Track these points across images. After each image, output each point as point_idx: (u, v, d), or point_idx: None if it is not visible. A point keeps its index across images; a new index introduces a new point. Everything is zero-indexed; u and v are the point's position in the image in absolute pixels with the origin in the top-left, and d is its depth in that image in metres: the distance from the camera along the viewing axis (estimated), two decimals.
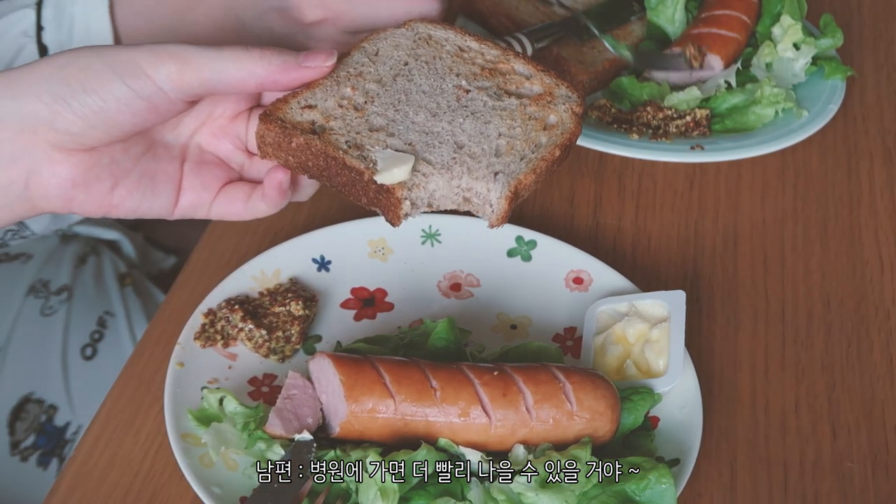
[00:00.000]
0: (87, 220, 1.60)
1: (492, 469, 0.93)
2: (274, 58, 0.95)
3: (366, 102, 1.03)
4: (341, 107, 1.02)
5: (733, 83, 1.39)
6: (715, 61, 1.40)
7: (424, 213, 1.00)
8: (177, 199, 0.99)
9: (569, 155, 1.04)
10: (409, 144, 1.00)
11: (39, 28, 1.19)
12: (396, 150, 0.99)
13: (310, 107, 1.01)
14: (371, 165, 0.96)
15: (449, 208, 1.00)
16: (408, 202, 0.96)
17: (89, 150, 0.92)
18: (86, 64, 0.90)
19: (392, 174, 0.95)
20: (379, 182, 0.95)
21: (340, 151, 0.98)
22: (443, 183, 0.99)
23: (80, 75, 0.89)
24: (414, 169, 0.98)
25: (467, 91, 1.04)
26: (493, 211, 0.98)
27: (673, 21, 1.49)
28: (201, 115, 1.00)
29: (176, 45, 0.93)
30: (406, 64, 1.07)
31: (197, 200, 1.00)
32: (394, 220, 0.97)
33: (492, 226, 0.98)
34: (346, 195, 0.99)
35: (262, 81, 0.95)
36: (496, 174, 0.99)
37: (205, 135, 1.01)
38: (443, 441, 0.94)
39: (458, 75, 1.06)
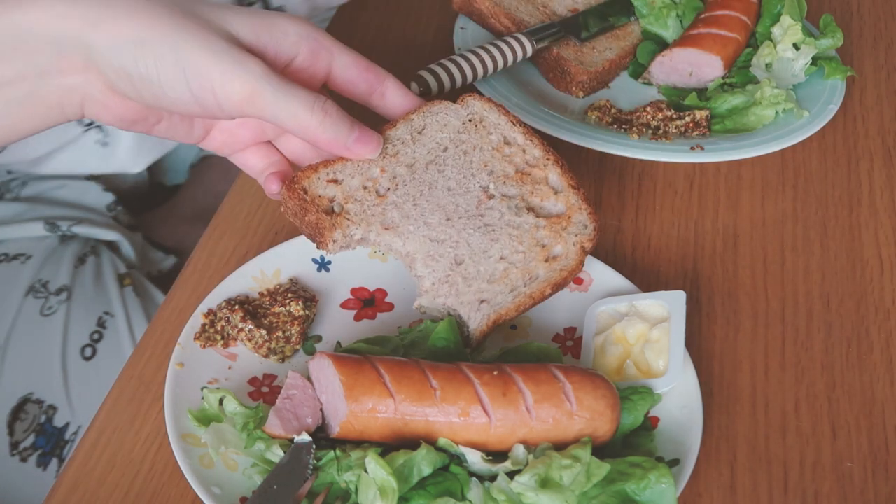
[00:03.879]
0: (86, 221, 1.60)
1: (492, 469, 0.93)
2: (328, 130, 0.99)
3: (389, 189, 1.06)
4: (364, 188, 1.05)
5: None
6: (715, 62, 1.41)
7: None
8: (207, 135, 1.08)
9: (558, 290, 1.07)
10: (408, 255, 1.05)
11: None
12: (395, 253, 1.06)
13: (335, 181, 1.05)
14: None
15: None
16: None
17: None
18: (160, 52, 0.93)
19: None
20: None
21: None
22: (427, 301, 1.04)
23: (150, 59, 0.93)
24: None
25: (490, 197, 1.06)
26: (468, 334, 1.04)
27: (667, 26, 1.50)
28: None
29: (252, 62, 0.95)
30: (445, 150, 1.08)
31: (225, 146, 1.10)
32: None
33: (468, 347, 1.04)
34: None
35: (311, 140, 1.01)
36: (481, 302, 1.03)
37: None
38: (443, 441, 0.94)
39: (490, 173, 1.08)
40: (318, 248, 1.06)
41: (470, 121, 1.11)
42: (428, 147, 1.08)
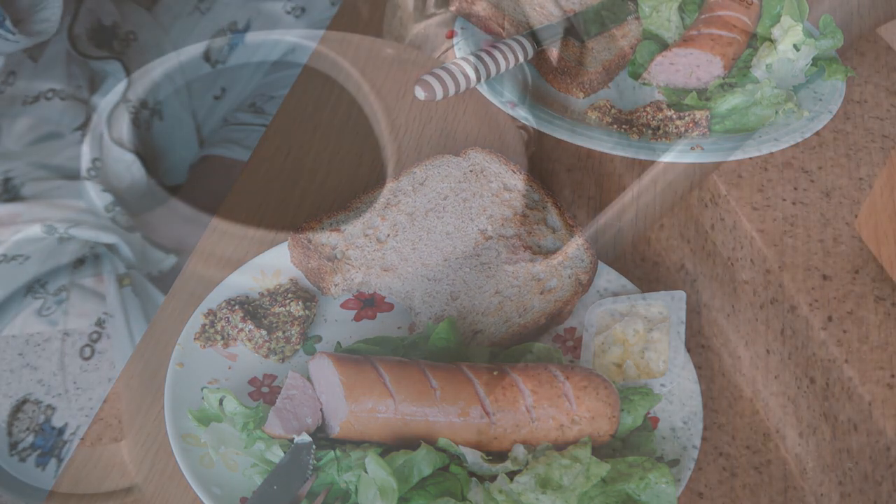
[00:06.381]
0: (84, 224, 1.60)
1: (492, 469, 0.93)
2: None
3: (389, 236, 1.10)
4: (366, 236, 1.11)
5: None
6: (715, 62, 1.41)
7: None
8: None
9: (552, 322, 1.09)
10: (406, 295, 1.09)
11: None
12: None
13: (337, 230, 1.10)
14: None
15: None
16: None
17: None
18: None
19: None
20: None
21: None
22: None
23: None
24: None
25: (487, 238, 1.09)
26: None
27: (669, 27, 1.50)
28: None
29: None
30: (445, 198, 1.12)
31: None
32: None
33: None
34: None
35: None
36: (476, 333, 1.06)
37: None
38: (443, 441, 0.94)
39: (489, 218, 1.12)
40: (322, 293, 1.11)
41: (471, 171, 1.15)
42: (429, 196, 1.13)
